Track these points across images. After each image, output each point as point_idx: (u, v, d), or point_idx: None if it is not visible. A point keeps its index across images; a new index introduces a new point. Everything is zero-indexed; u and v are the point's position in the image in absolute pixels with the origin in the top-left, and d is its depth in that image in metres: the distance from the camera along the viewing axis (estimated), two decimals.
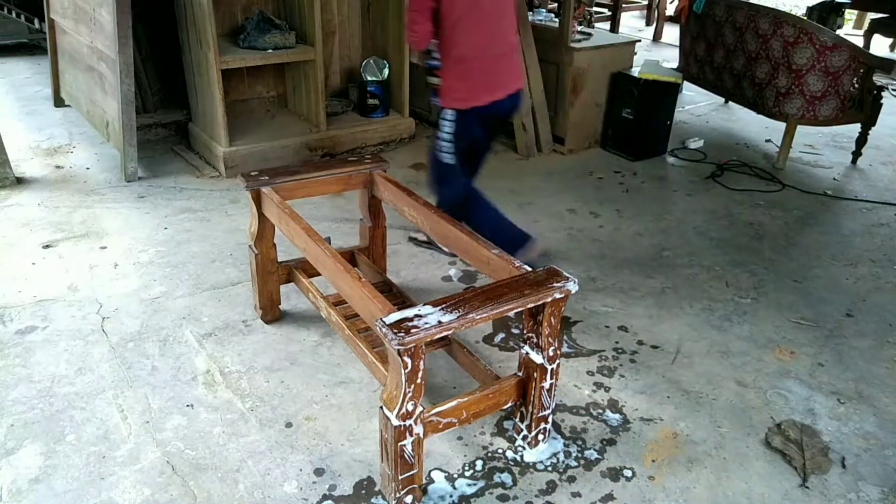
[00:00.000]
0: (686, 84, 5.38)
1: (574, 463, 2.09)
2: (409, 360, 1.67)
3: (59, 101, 5.03)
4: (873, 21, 7.52)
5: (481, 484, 2.00)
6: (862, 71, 4.14)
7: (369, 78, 4.51)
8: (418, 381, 1.72)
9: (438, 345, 2.36)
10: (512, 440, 2.16)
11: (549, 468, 2.07)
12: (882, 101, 4.30)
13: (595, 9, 7.41)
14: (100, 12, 3.67)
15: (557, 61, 4.43)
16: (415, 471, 1.84)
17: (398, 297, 2.62)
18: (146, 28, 4.44)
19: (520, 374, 2.05)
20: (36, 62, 6.25)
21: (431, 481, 2.00)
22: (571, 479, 2.03)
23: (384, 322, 1.66)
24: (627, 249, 3.38)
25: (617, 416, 2.29)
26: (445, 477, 2.02)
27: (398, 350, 1.63)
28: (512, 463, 2.08)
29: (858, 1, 7.62)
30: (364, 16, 4.72)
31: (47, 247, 3.19)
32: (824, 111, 4.26)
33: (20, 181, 3.84)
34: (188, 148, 4.39)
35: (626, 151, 4.53)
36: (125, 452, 2.05)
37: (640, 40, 5.06)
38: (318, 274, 2.35)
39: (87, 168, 4.09)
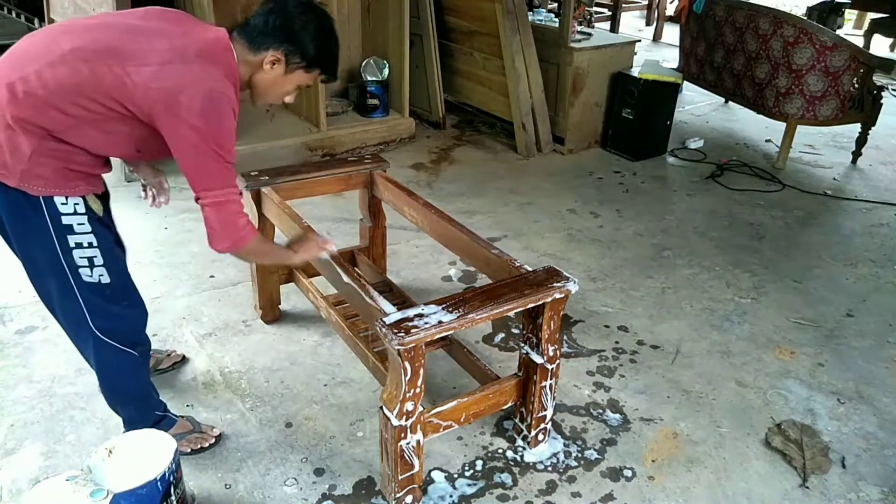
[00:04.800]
0: (686, 84, 5.38)
1: (574, 463, 2.09)
2: (408, 361, 1.67)
3: None
4: (873, 21, 7.52)
5: (481, 484, 2.00)
6: (862, 71, 4.14)
7: (369, 78, 4.51)
8: (418, 381, 1.72)
9: (438, 345, 2.36)
10: (512, 440, 2.16)
11: (549, 468, 2.07)
12: (882, 101, 4.30)
13: (595, 9, 7.41)
14: (100, 13, 3.67)
15: (557, 61, 4.43)
16: (415, 471, 1.84)
17: (398, 297, 2.61)
18: None
19: (520, 374, 2.04)
20: None
21: (431, 481, 2.00)
22: (571, 479, 2.03)
23: (384, 322, 1.66)
24: (627, 249, 3.38)
25: (617, 416, 2.28)
26: (445, 477, 2.02)
27: (398, 350, 1.63)
28: (512, 463, 2.08)
29: (858, 1, 7.63)
30: (364, 16, 4.72)
31: None
32: (824, 111, 4.26)
33: None
34: None
35: (626, 151, 4.53)
36: None
37: (640, 40, 5.06)
38: (318, 274, 2.34)
39: None
